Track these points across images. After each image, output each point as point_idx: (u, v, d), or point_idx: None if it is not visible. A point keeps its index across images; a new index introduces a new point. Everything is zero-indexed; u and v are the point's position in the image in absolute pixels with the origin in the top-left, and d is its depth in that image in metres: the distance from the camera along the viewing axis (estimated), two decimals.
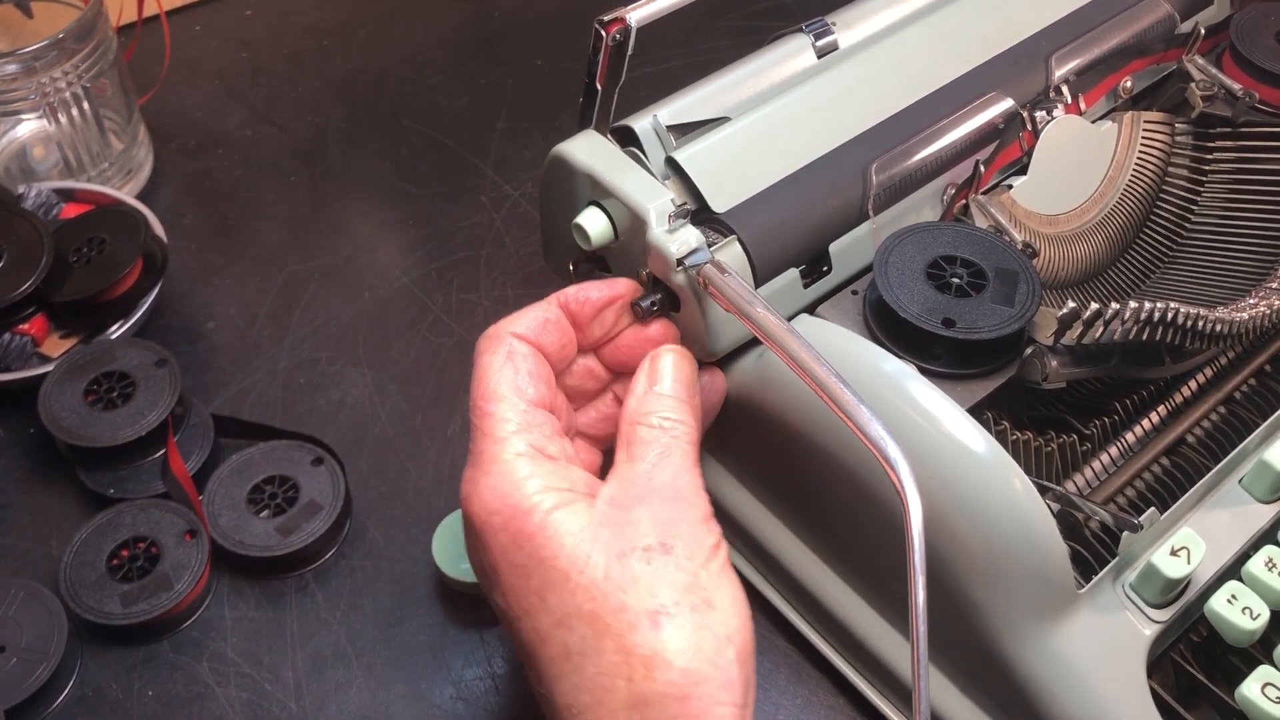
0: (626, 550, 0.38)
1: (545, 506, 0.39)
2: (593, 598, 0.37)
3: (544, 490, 0.39)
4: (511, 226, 0.72)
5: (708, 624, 0.37)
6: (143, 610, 0.52)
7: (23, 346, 0.61)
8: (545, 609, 0.38)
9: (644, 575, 0.37)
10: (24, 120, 0.71)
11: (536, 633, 0.38)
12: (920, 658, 0.36)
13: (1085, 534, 0.46)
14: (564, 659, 0.38)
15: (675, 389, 0.44)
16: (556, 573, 0.38)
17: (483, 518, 0.39)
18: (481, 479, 0.40)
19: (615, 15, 0.46)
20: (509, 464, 0.40)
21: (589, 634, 0.37)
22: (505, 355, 0.42)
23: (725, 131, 0.50)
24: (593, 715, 0.37)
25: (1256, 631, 0.44)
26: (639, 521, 0.39)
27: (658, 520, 0.39)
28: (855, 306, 0.48)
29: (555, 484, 0.40)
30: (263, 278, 0.69)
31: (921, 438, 0.42)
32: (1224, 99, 0.57)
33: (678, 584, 0.38)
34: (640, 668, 0.36)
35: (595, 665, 0.37)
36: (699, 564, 0.38)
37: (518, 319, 0.44)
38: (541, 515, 0.39)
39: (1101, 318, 0.46)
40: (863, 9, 0.55)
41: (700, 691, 0.36)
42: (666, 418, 0.42)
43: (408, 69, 0.82)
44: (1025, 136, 0.53)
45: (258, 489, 0.56)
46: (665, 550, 0.38)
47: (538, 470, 0.40)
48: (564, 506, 0.39)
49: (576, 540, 0.38)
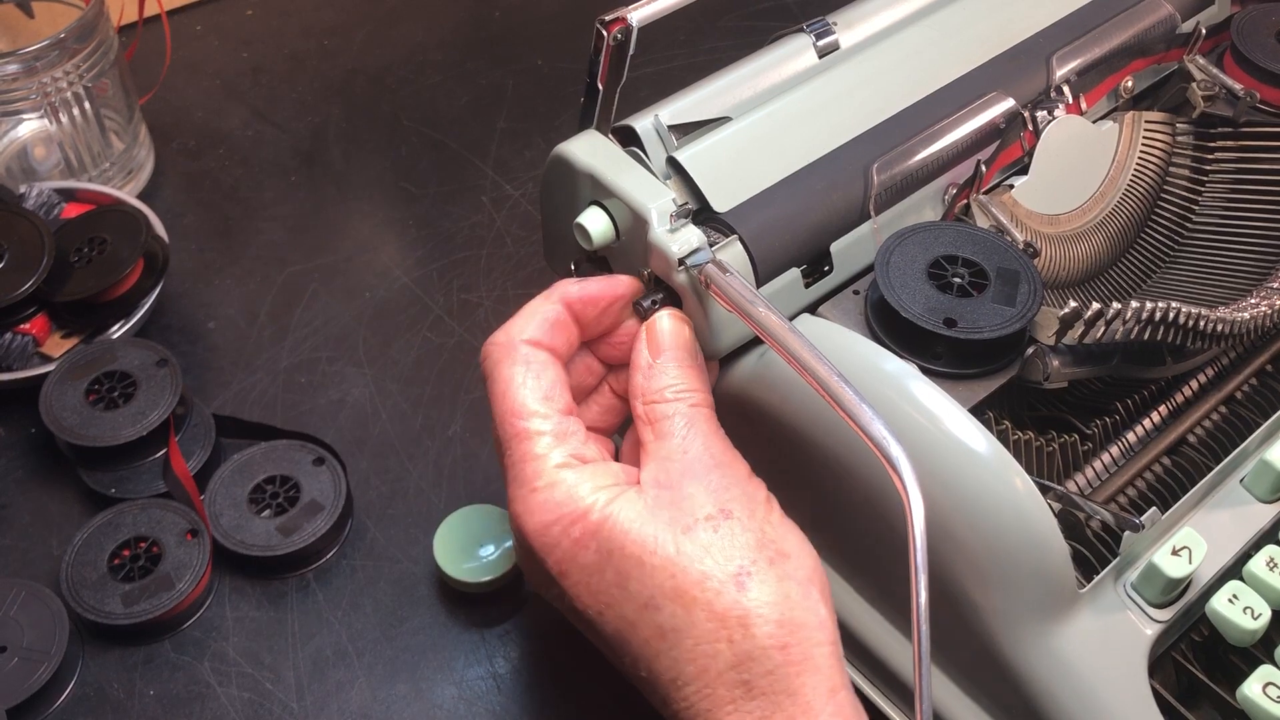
0: (690, 524, 0.40)
1: (600, 504, 0.40)
2: (672, 574, 0.39)
3: (595, 491, 0.40)
4: (512, 226, 0.72)
5: (788, 573, 0.40)
6: (144, 610, 0.52)
7: (24, 346, 0.61)
8: (628, 597, 0.39)
9: (714, 542, 0.39)
10: (25, 120, 0.71)
11: (624, 620, 0.40)
12: (922, 657, 0.36)
13: (1086, 534, 0.46)
14: (659, 638, 0.39)
15: (679, 356, 0.44)
16: (629, 560, 0.39)
17: (540, 532, 0.40)
18: (531, 497, 0.41)
19: (616, 15, 0.46)
20: (555, 477, 0.41)
21: (678, 609, 0.38)
22: (524, 366, 0.43)
23: (726, 131, 0.50)
24: (700, 682, 0.39)
25: (1258, 631, 0.44)
26: (692, 495, 0.40)
27: (709, 489, 0.41)
28: (857, 306, 0.48)
29: (602, 483, 0.41)
30: (263, 277, 0.69)
31: (923, 437, 0.42)
32: (1225, 99, 0.57)
33: (748, 543, 0.40)
34: (738, 628, 0.38)
35: (692, 636, 0.38)
36: (760, 519, 0.40)
37: (525, 323, 0.44)
38: (599, 513, 0.40)
39: (1103, 317, 0.46)
40: (864, 9, 0.55)
41: (799, 637, 0.39)
42: (679, 390, 0.43)
43: (408, 69, 0.82)
44: (1026, 136, 0.53)
45: (259, 489, 0.56)
46: (726, 515, 0.40)
47: (583, 476, 0.41)
48: (617, 499, 0.40)
49: (640, 526, 0.39)
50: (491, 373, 0.43)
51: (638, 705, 0.52)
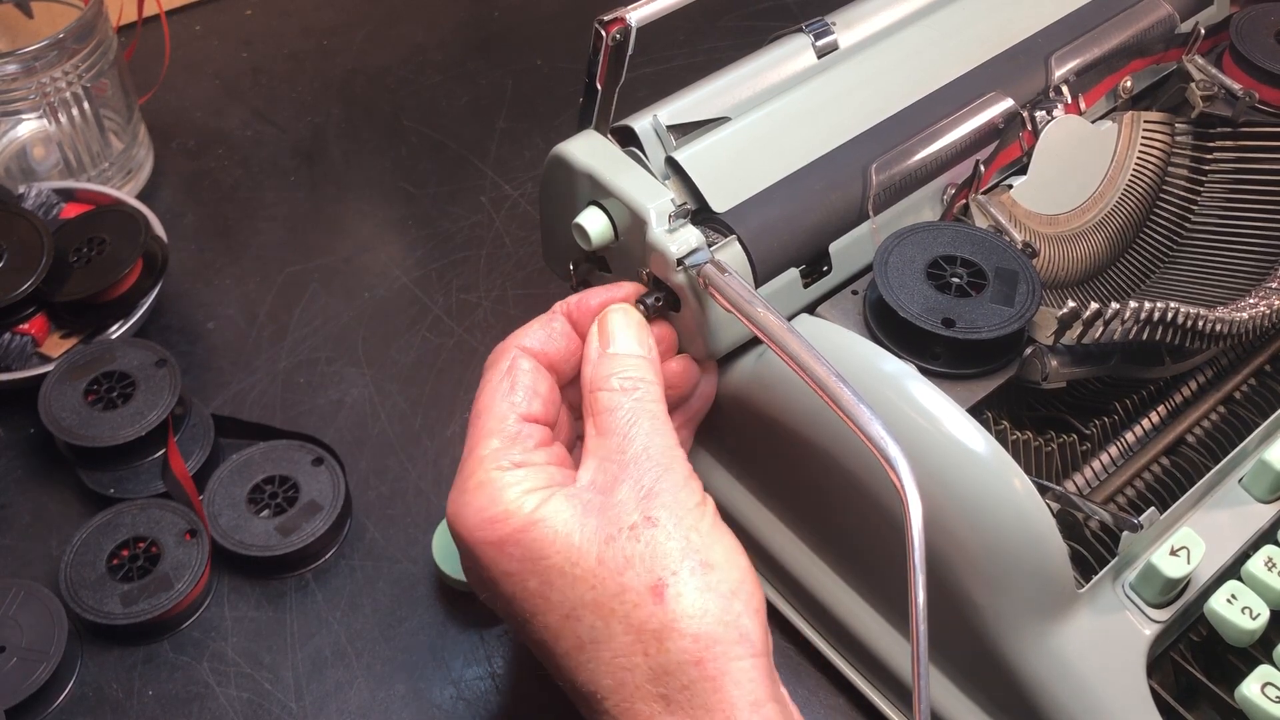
0: (614, 533, 0.38)
1: (526, 510, 0.39)
2: (592, 586, 0.38)
3: (523, 494, 0.39)
4: (511, 226, 0.72)
5: (709, 584, 0.38)
6: (143, 610, 0.52)
7: (23, 346, 0.61)
8: (550, 606, 0.39)
9: (637, 553, 0.38)
10: (24, 120, 0.71)
11: (548, 630, 0.39)
12: (920, 657, 0.36)
13: (1085, 534, 0.46)
14: (578, 650, 0.38)
15: (628, 345, 0.43)
16: (552, 570, 0.38)
17: (469, 534, 0.40)
18: (461, 497, 0.40)
19: (615, 15, 0.46)
20: (487, 479, 0.40)
21: (597, 622, 0.38)
22: (507, 370, 0.43)
23: (725, 131, 0.50)
24: (618, 695, 0.38)
25: (1256, 631, 0.44)
26: (621, 502, 0.39)
27: (638, 494, 0.39)
28: (855, 306, 0.48)
29: (532, 485, 0.40)
30: (263, 278, 0.69)
31: (922, 437, 0.42)
32: (1224, 99, 0.57)
33: (671, 553, 0.38)
34: (653, 642, 0.37)
35: (610, 649, 0.38)
36: (688, 527, 0.39)
37: (527, 332, 0.44)
38: (523, 519, 0.39)
39: (1101, 317, 0.46)
40: (863, 9, 0.55)
41: (715, 652, 0.37)
42: (627, 378, 0.42)
43: (408, 69, 0.82)
44: (1025, 136, 0.53)
45: (258, 489, 0.56)
46: (651, 524, 0.39)
47: (515, 478, 0.40)
48: (544, 505, 0.39)
49: (565, 535, 0.38)
50: (483, 375, 0.44)
51: None
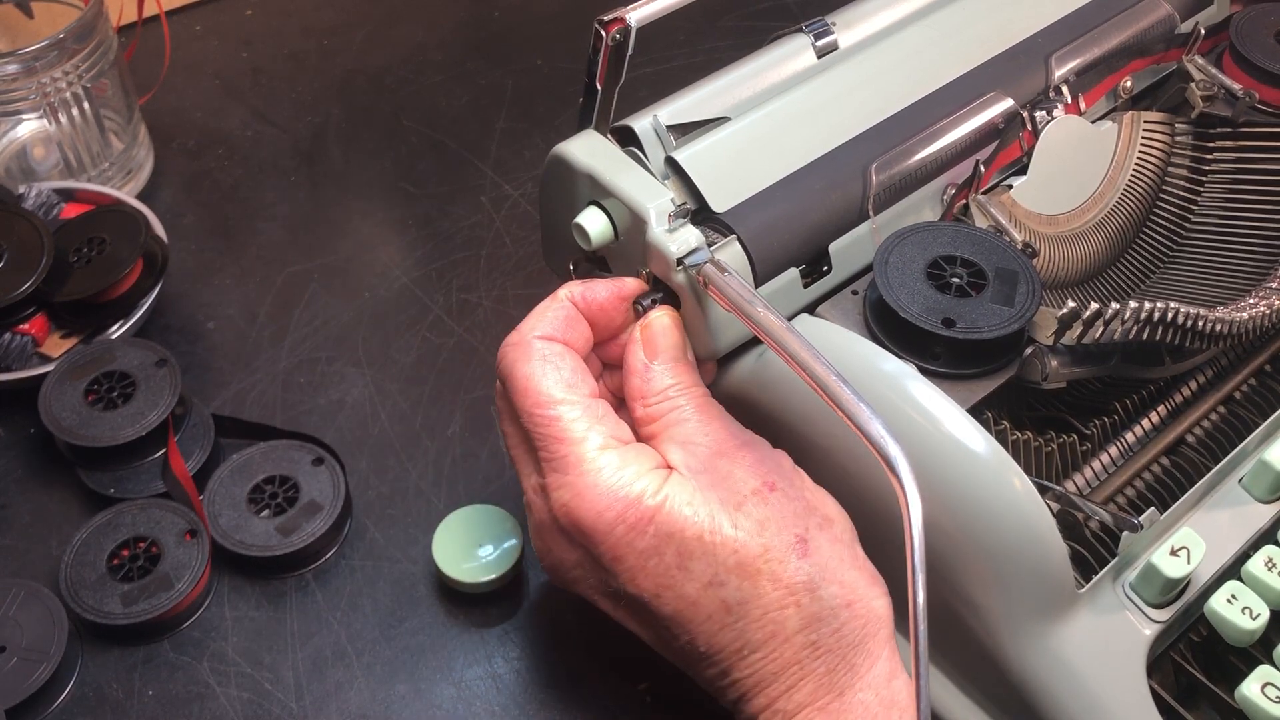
0: (740, 500, 0.41)
1: (653, 488, 0.41)
2: (734, 550, 0.40)
3: (645, 473, 0.41)
4: (511, 226, 0.72)
5: (836, 536, 0.42)
6: (143, 610, 0.52)
7: (23, 346, 0.61)
8: (690, 577, 0.40)
9: (767, 515, 0.41)
10: (24, 120, 0.71)
11: (684, 600, 0.41)
12: (920, 657, 0.36)
13: (1085, 534, 0.46)
14: (724, 612, 0.41)
15: (675, 355, 0.45)
16: (690, 541, 0.40)
17: (594, 518, 0.41)
18: (580, 482, 0.41)
19: (615, 15, 0.46)
20: (599, 460, 0.41)
21: (744, 583, 0.40)
22: (541, 359, 0.43)
23: (725, 131, 0.50)
24: (768, 647, 0.41)
25: (1256, 631, 0.44)
26: (732, 473, 0.42)
27: (746, 466, 0.42)
28: (855, 306, 0.48)
29: (648, 463, 0.42)
30: (263, 278, 0.69)
31: (921, 437, 0.42)
32: (1224, 99, 0.57)
33: (798, 512, 0.41)
34: (805, 592, 0.41)
35: (760, 606, 0.40)
36: (799, 488, 0.42)
37: (538, 321, 0.44)
38: (654, 496, 0.41)
39: (1101, 317, 0.46)
40: (863, 9, 0.55)
41: (859, 594, 0.41)
42: (681, 387, 0.44)
43: (408, 69, 0.82)
44: (1025, 136, 0.53)
45: (258, 489, 0.56)
46: (771, 488, 0.42)
47: (627, 458, 0.41)
48: (667, 483, 0.41)
49: (694, 508, 0.41)
50: (510, 373, 0.43)
51: (636, 703, 0.52)
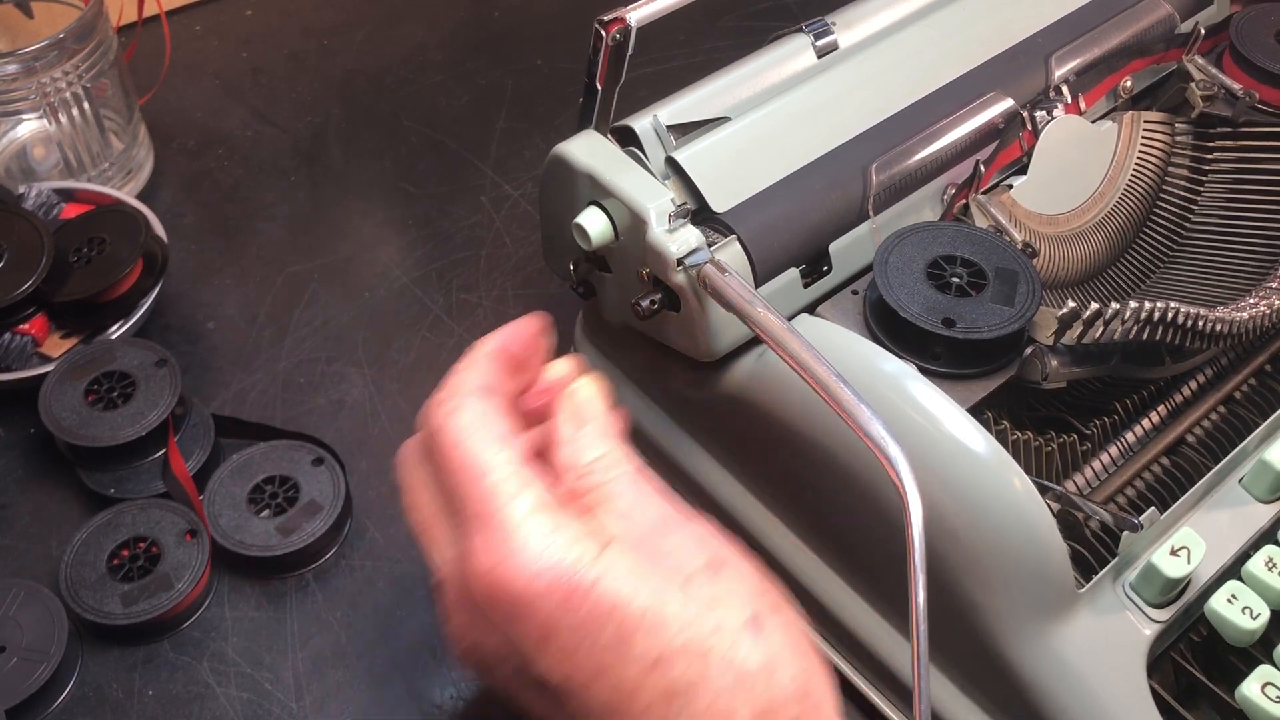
0: (689, 574, 0.37)
1: (589, 556, 0.35)
2: (683, 628, 0.35)
3: (580, 540, 0.36)
4: (512, 226, 0.72)
5: (789, 620, 0.37)
6: (143, 610, 0.52)
7: (23, 346, 0.61)
8: (630, 658, 0.35)
9: (718, 593, 0.36)
10: (24, 120, 0.71)
11: (619, 688, 0.35)
12: (921, 657, 0.36)
13: (1085, 534, 0.46)
14: (666, 701, 0.35)
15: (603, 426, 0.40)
16: (633, 616, 0.35)
17: (522, 586, 0.35)
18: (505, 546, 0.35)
19: (615, 15, 0.46)
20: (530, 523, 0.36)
21: (692, 665, 0.35)
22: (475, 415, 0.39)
23: (725, 131, 0.50)
24: None
25: (1257, 631, 0.44)
26: (675, 550, 0.37)
27: (692, 541, 0.38)
28: (855, 306, 0.48)
29: (582, 533, 0.36)
30: (263, 278, 0.69)
31: (922, 437, 0.42)
32: (1224, 99, 0.57)
33: (750, 591, 0.37)
34: (761, 678, 0.36)
35: (707, 694, 0.35)
36: (749, 568, 0.38)
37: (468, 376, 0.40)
38: (589, 565, 0.35)
39: (1101, 317, 0.46)
40: (863, 9, 0.55)
41: (813, 683, 0.37)
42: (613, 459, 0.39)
43: (408, 69, 0.82)
44: (1025, 136, 0.53)
45: (258, 489, 0.56)
46: (721, 563, 0.37)
47: (561, 522, 0.36)
48: (605, 553, 0.36)
49: (637, 580, 0.35)
50: (439, 428, 0.39)
51: None
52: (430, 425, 0.39)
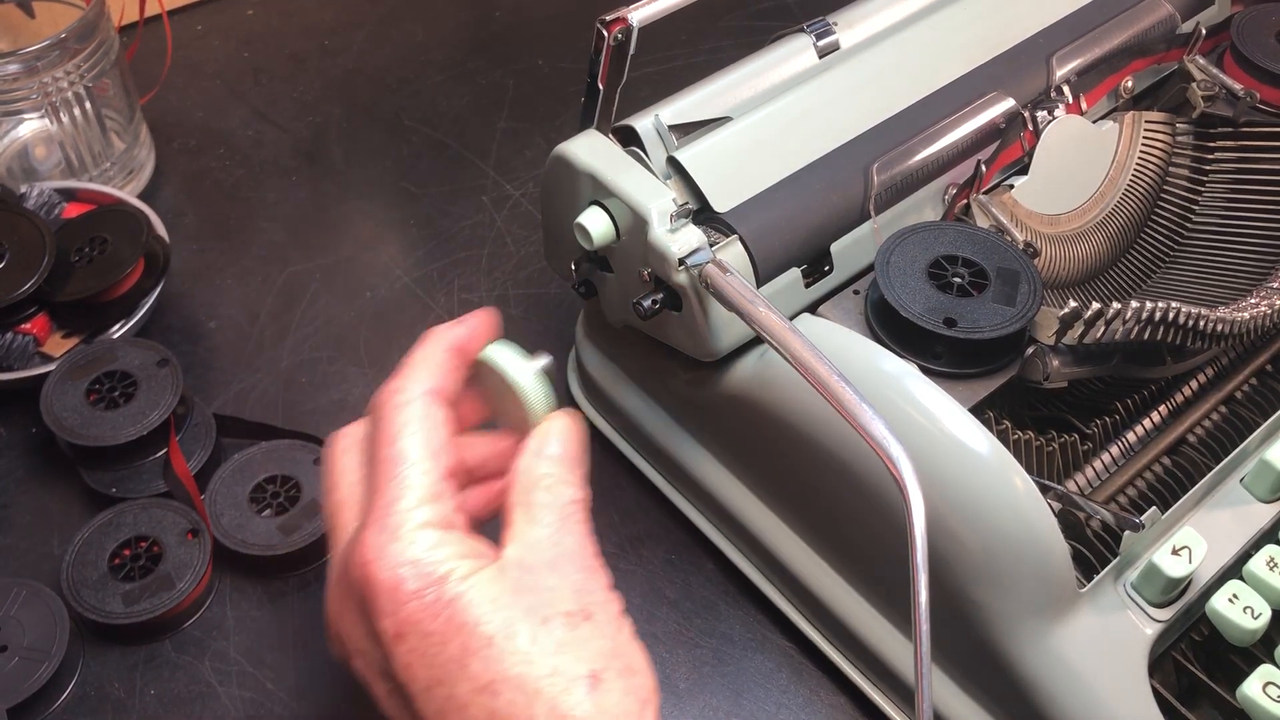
0: (550, 615, 0.38)
1: (460, 573, 0.37)
2: (523, 661, 0.37)
3: (456, 558, 0.38)
4: (513, 226, 0.72)
5: (632, 688, 0.38)
6: (145, 609, 0.52)
7: (25, 346, 0.61)
8: (465, 675, 0.37)
9: (569, 640, 0.38)
10: (26, 120, 0.71)
11: (453, 700, 0.37)
12: (923, 657, 0.36)
13: (1086, 533, 0.46)
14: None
15: (571, 455, 0.42)
16: (479, 639, 0.37)
17: (391, 586, 0.37)
18: (389, 546, 0.38)
19: (617, 15, 0.46)
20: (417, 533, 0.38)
21: (518, 698, 0.37)
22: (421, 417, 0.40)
23: (727, 131, 0.50)
24: None
25: (1258, 631, 0.44)
26: (555, 588, 0.38)
27: (572, 587, 0.39)
28: (857, 306, 0.48)
29: (464, 551, 0.38)
30: (264, 277, 0.69)
31: (923, 437, 0.42)
32: (1225, 99, 0.57)
33: (604, 650, 0.38)
34: None
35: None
36: (615, 630, 0.39)
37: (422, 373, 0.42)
38: (457, 581, 0.37)
39: (1103, 317, 0.46)
40: (864, 9, 0.55)
41: None
42: (561, 483, 0.41)
43: (408, 69, 0.83)
44: (1026, 136, 0.53)
45: (259, 488, 0.56)
46: (586, 617, 0.38)
47: (447, 540, 0.38)
48: (477, 572, 0.38)
49: (497, 606, 0.37)
50: (384, 419, 0.40)
51: None
52: (380, 408, 0.41)
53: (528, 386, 0.42)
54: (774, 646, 0.53)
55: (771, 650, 0.53)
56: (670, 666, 0.52)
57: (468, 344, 0.43)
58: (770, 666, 0.52)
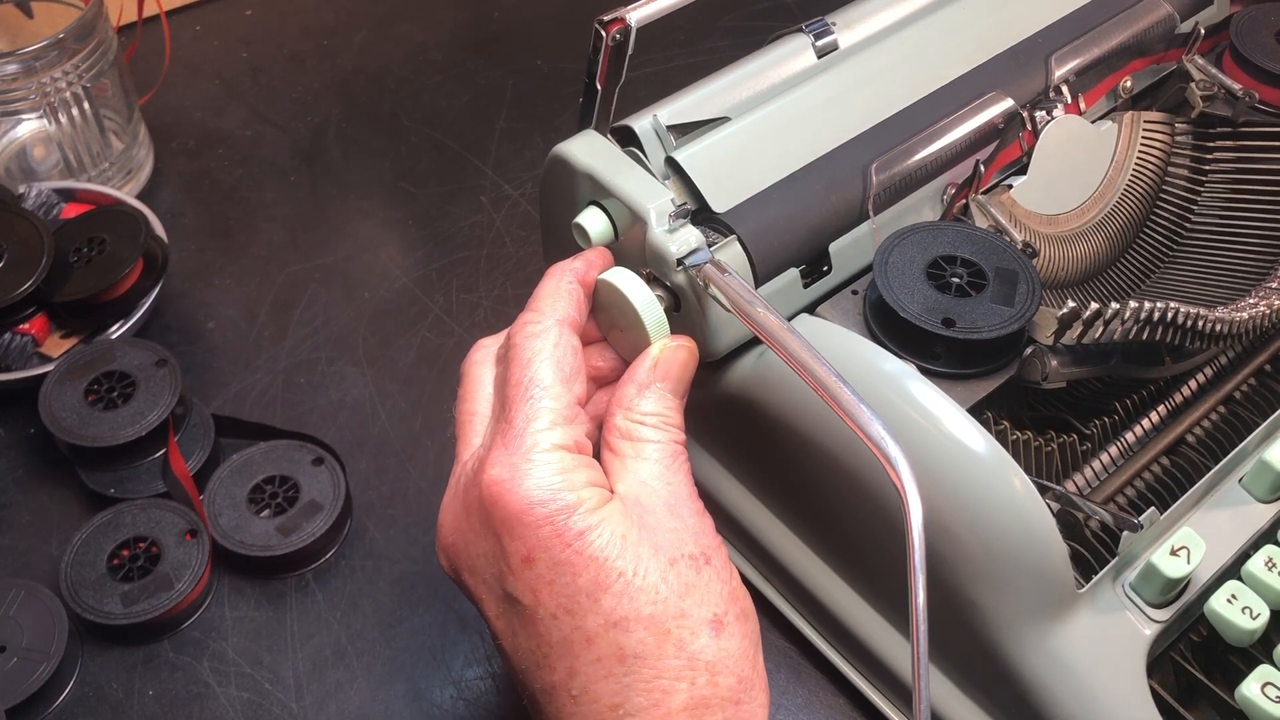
0: (676, 557, 0.39)
1: (591, 504, 0.38)
2: (653, 601, 0.37)
3: (587, 486, 0.38)
4: (512, 226, 0.72)
5: (748, 632, 0.39)
6: (143, 610, 0.52)
7: (23, 346, 0.61)
8: (596, 609, 0.37)
9: (696, 583, 0.38)
10: (24, 120, 0.71)
11: (580, 631, 0.37)
12: (921, 657, 0.36)
13: (1085, 534, 0.46)
14: (616, 660, 0.37)
15: (679, 389, 0.43)
16: (611, 574, 0.37)
17: (522, 507, 0.38)
18: (523, 465, 0.38)
19: (615, 15, 0.46)
20: (549, 455, 0.38)
21: (648, 637, 0.37)
22: (555, 345, 0.41)
23: (725, 131, 0.50)
24: (646, 715, 0.37)
25: (1256, 631, 0.44)
26: (676, 530, 0.39)
27: (691, 531, 0.40)
28: (855, 306, 0.48)
29: (594, 479, 0.39)
30: (263, 277, 0.69)
31: (922, 437, 0.42)
32: (1224, 99, 0.57)
33: (724, 594, 0.39)
34: (705, 672, 0.38)
35: (654, 668, 0.37)
36: (729, 575, 0.40)
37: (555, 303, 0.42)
38: (587, 513, 0.38)
39: (1101, 317, 0.46)
40: (863, 9, 0.55)
41: (749, 695, 0.39)
42: (669, 422, 0.42)
43: (408, 69, 0.83)
44: (1025, 136, 0.53)
45: (258, 489, 0.56)
46: (707, 560, 0.39)
47: (578, 463, 0.39)
48: (607, 505, 0.38)
49: (627, 543, 0.38)
50: (521, 344, 0.41)
51: None
52: (514, 338, 0.42)
53: (646, 306, 0.43)
54: (773, 647, 0.53)
55: (770, 651, 0.53)
56: None
57: (587, 275, 0.44)
58: (769, 667, 0.52)
